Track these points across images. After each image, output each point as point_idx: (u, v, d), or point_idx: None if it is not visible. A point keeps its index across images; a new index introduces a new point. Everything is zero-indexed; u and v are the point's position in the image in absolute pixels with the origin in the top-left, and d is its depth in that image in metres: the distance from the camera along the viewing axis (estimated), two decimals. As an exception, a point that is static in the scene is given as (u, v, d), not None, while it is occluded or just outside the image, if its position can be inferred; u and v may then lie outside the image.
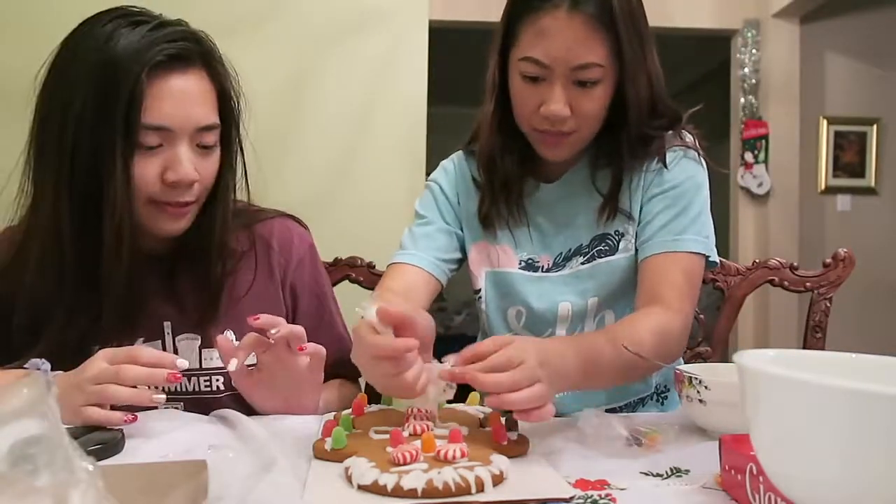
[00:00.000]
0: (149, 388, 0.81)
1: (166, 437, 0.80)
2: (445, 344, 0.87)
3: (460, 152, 1.23)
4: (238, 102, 1.00)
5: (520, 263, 1.15)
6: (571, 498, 0.61)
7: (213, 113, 0.95)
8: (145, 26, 0.89)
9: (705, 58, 4.80)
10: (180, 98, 0.90)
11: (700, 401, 0.81)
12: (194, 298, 1.01)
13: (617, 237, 1.11)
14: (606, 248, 1.11)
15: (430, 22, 2.18)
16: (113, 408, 0.80)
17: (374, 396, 0.91)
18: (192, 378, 1.00)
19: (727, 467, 0.63)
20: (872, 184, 4.27)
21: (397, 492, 0.60)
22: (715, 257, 1.07)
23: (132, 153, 0.88)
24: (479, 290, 1.18)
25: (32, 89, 0.94)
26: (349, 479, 0.64)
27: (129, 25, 0.89)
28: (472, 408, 0.87)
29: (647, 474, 0.69)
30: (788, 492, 0.48)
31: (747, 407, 0.49)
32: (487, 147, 1.13)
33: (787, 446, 0.46)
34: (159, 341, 1.00)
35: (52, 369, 0.83)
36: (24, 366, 0.82)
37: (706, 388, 0.80)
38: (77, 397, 0.78)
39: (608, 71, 1.01)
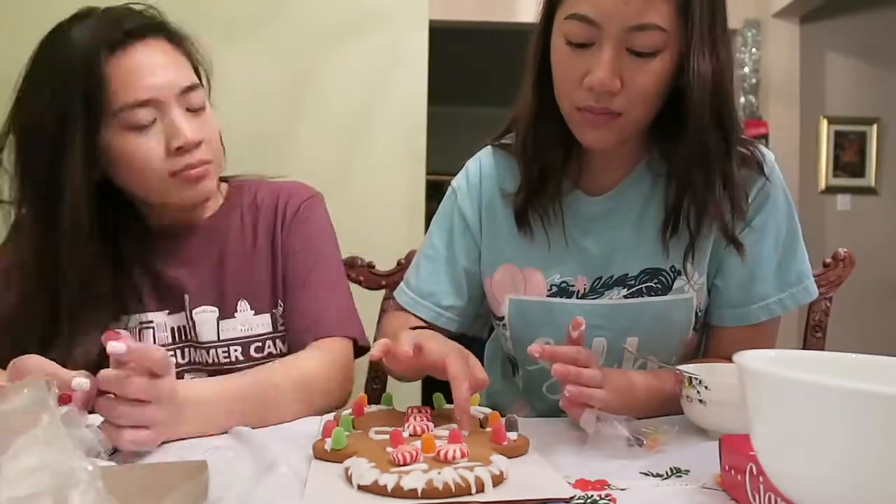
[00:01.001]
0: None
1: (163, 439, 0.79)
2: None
3: (488, 148, 1.09)
4: (206, 68, 1.01)
5: (550, 289, 1.00)
6: (571, 498, 0.61)
7: (189, 75, 0.95)
8: (94, 16, 0.91)
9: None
10: (154, 66, 0.90)
11: (700, 401, 0.81)
12: (207, 270, 1.03)
13: (672, 274, 0.97)
14: (658, 285, 0.97)
15: (430, 22, 2.18)
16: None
17: (374, 397, 0.91)
18: (212, 350, 1.02)
19: (727, 467, 0.63)
20: (872, 183, 4.27)
21: (397, 492, 0.60)
22: (814, 291, 1.00)
23: (93, 144, 0.89)
24: (503, 317, 1.05)
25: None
26: (349, 479, 0.64)
27: (81, 19, 0.91)
28: (472, 408, 0.87)
29: (647, 474, 0.69)
30: (788, 492, 0.48)
31: (747, 407, 0.49)
32: (525, 133, 0.98)
33: (787, 446, 0.46)
34: (183, 313, 1.02)
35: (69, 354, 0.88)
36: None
37: (706, 388, 0.80)
38: None
39: (671, 41, 0.84)
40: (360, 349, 1.04)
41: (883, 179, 4.28)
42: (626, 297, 0.98)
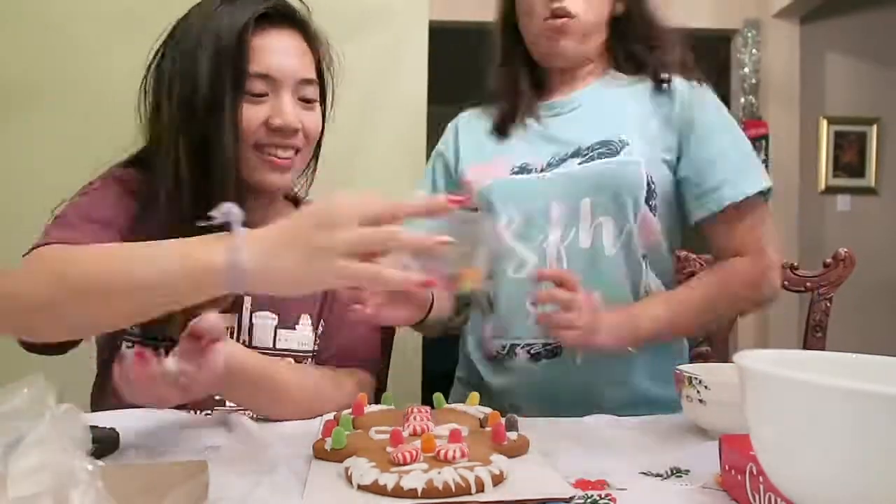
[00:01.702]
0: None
1: (162, 438, 0.79)
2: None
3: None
4: (331, 69, 1.07)
5: (512, 170, 1.14)
6: (571, 498, 0.61)
7: (312, 69, 1.01)
8: None
9: (705, 57, 4.81)
10: (283, 50, 0.98)
11: (700, 401, 0.81)
12: None
13: (620, 145, 1.09)
14: (607, 151, 1.09)
15: (430, 22, 2.18)
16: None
17: (373, 396, 0.91)
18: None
19: (727, 467, 0.63)
20: (872, 184, 4.27)
21: (397, 492, 0.60)
22: (768, 181, 1.10)
23: (240, 99, 0.95)
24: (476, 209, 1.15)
25: (31, 88, 0.95)
26: (349, 479, 0.64)
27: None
28: (472, 408, 0.87)
29: (647, 474, 0.69)
30: (788, 492, 0.48)
31: (747, 407, 0.49)
32: (501, 71, 1.22)
33: (787, 446, 0.46)
34: (237, 315, 1.01)
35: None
36: (209, 216, 0.73)
37: (706, 388, 0.80)
38: (323, 266, 0.64)
39: None
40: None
41: (883, 180, 4.28)
42: (579, 164, 1.10)
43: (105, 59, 1.91)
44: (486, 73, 1.23)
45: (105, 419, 0.83)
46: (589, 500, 0.61)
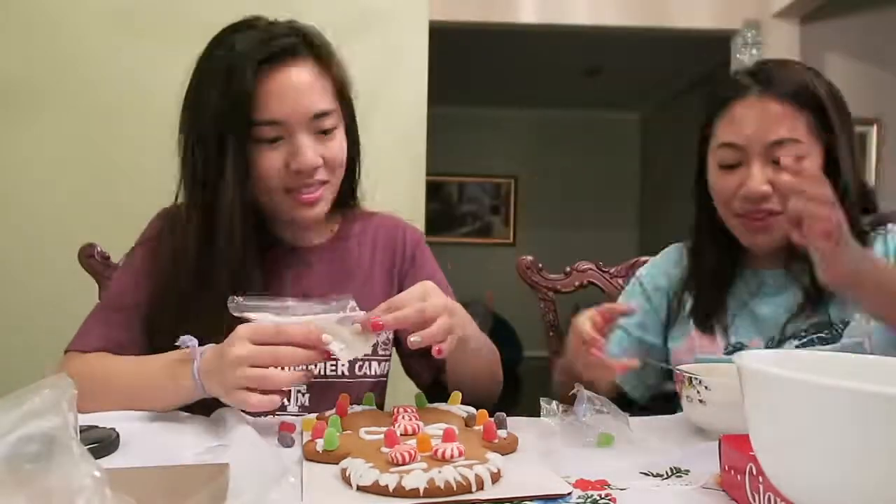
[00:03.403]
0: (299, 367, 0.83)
1: (160, 438, 0.79)
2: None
3: (678, 245, 1.21)
4: (349, 88, 1.06)
5: (726, 349, 1.08)
6: (569, 493, 0.61)
7: (325, 99, 0.99)
8: (255, 30, 0.97)
9: (705, 58, 4.81)
10: (289, 91, 0.95)
11: (700, 401, 0.81)
12: (323, 285, 1.06)
13: (842, 326, 1.01)
14: (828, 336, 1.01)
15: (430, 22, 2.18)
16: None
17: (355, 397, 0.91)
18: (319, 363, 1.04)
19: (727, 467, 0.63)
20: (872, 184, 4.27)
21: (399, 492, 0.60)
22: None
23: (243, 149, 0.94)
24: None
25: (34, 90, 0.95)
26: (346, 480, 0.64)
27: (245, 31, 0.97)
28: (455, 407, 0.88)
29: (647, 474, 0.69)
30: (788, 492, 0.48)
31: (747, 407, 0.49)
32: (694, 246, 1.15)
33: (787, 446, 0.46)
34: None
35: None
36: (176, 343, 0.84)
37: (706, 388, 0.80)
38: (229, 378, 0.79)
39: (809, 149, 0.99)
40: None
41: (883, 180, 4.28)
42: (797, 347, 1.02)
43: (106, 60, 1.91)
44: (486, 73, 1.20)
45: (105, 419, 0.83)
46: (589, 500, 0.61)
